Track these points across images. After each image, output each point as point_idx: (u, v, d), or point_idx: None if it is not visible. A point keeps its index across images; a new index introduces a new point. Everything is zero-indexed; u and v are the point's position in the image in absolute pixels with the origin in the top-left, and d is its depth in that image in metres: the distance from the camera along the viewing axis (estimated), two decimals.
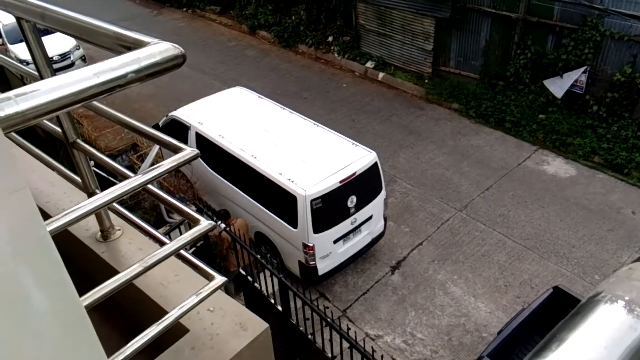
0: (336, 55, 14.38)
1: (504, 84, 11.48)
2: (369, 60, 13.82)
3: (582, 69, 10.19)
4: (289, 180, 6.91)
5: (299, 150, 7.51)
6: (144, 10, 18.33)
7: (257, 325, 1.60)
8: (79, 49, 13.81)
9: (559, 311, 5.95)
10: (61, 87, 0.94)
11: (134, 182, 1.21)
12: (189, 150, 1.24)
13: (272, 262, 5.72)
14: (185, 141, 8.87)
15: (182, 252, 1.45)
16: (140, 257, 1.46)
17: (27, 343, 0.77)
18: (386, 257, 8.33)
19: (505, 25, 11.10)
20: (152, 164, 7.39)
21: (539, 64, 10.82)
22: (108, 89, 0.97)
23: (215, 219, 6.42)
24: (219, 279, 1.40)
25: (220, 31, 16.88)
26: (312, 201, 6.73)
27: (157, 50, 0.99)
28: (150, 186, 1.34)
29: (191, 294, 1.38)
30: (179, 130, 8.37)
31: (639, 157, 9.63)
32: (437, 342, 7.08)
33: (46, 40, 1.63)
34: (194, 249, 6.01)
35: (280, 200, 7.06)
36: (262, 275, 5.88)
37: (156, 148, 7.59)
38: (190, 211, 1.41)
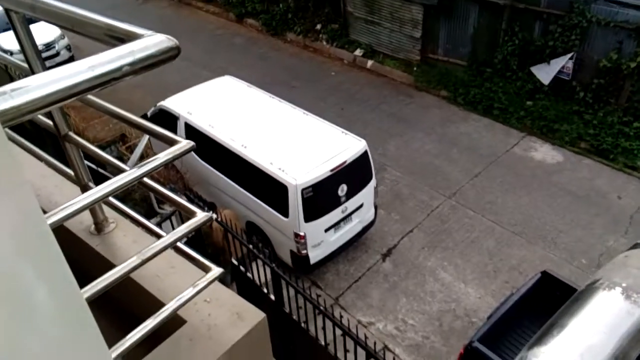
0: (324, 43, 14.31)
1: (491, 71, 11.52)
2: (358, 48, 13.78)
3: (569, 55, 10.26)
4: (279, 169, 6.91)
5: (289, 139, 7.50)
6: None
7: (254, 315, 1.62)
8: (63, 38, 13.58)
9: (547, 295, 6.06)
10: (56, 81, 0.93)
11: (130, 175, 1.21)
12: (184, 143, 1.24)
13: (263, 252, 5.74)
14: (174, 131, 8.80)
15: (178, 243, 1.46)
16: (135, 249, 1.46)
17: (30, 338, 0.78)
18: (377, 245, 8.39)
19: (492, 12, 11.11)
20: (142, 155, 7.34)
21: (526, 51, 10.87)
22: (103, 82, 0.97)
23: (206, 209, 6.41)
24: (215, 270, 1.41)
25: (207, 19, 16.69)
26: (302, 190, 6.74)
27: (152, 42, 0.99)
28: (145, 178, 1.34)
29: (188, 286, 1.39)
30: (168, 120, 8.30)
31: (624, 142, 9.76)
32: (427, 328, 7.18)
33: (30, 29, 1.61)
34: (184, 239, 5.99)
35: (270, 189, 7.06)
36: (254, 265, 5.91)
37: (145, 138, 7.52)
38: (186, 203, 1.41)
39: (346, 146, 7.30)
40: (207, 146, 7.83)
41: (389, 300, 7.57)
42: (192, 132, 8.03)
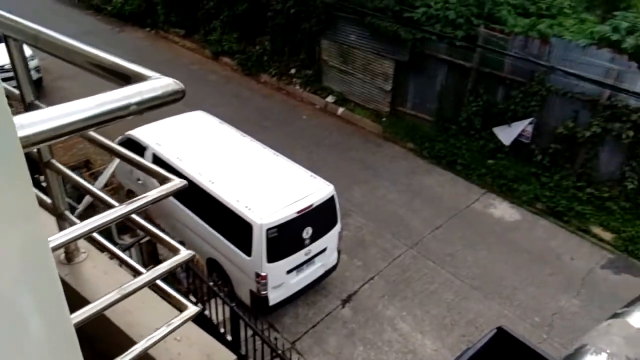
0: (297, 87, 14.62)
1: (456, 128, 11.99)
2: (330, 95, 14.13)
3: (529, 120, 10.83)
4: (246, 207, 6.89)
5: (258, 178, 7.52)
6: (105, 26, 18.06)
7: (225, 357, 1.60)
8: (33, 59, 13.35)
9: (502, 351, 6.14)
10: (64, 115, 0.95)
11: (118, 211, 1.21)
12: (176, 181, 1.26)
13: (222, 290, 5.64)
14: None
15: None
16: (106, 282, 1.44)
17: None
18: (337, 290, 8.36)
19: (459, 73, 11.68)
20: (106, 184, 7.18)
21: (489, 112, 11.41)
22: (109, 119, 1.00)
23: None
24: (192, 309, 1.40)
25: (183, 54, 16.82)
26: (267, 230, 6.72)
27: (159, 84, 1.03)
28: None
29: (160, 323, 1.37)
30: (135, 150, 8.18)
31: (577, 206, 10.23)
32: None
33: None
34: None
35: (235, 227, 7.00)
36: (212, 303, 5.78)
37: (113, 166, 7.38)
38: (170, 240, 1.42)
39: (314, 189, 7.37)
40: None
41: (346, 347, 7.48)
42: (159, 163, 7.90)
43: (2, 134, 0.67)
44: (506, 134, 11.24)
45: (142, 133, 8.53)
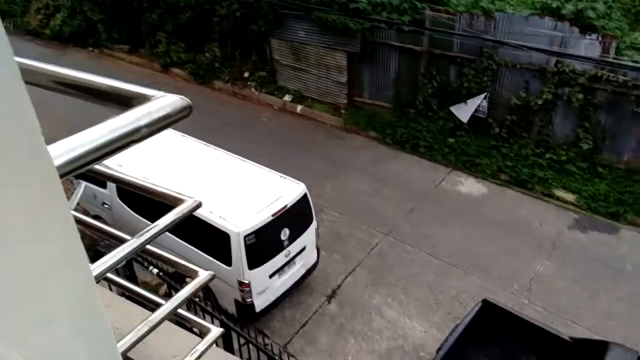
0: (253, 90, 14.51)
1: (415, 112, 12.17)
2: (286, 94, 14.08)
3: (483, 95, 11.11)
4: (220, 217, 6.79)
5: (228, 186, 7.43)
6: (46, 50, 17.40)
7: None
8: None
9: (489, 322, 6.31)
10: (78, 147, 0.88)
11: (130, 245, 1.14)
12: (190, 201, 1.19)
13: (206, 303, 5.55)
14: (102, 185, 8.44)
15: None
16: (109, 315, 1.36)
17: None
18: (321, 287, 8.37)
19: (411, 57, 11.85)
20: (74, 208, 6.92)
21: (444, 92, 11.63)
22: (122, 145, 0.94)
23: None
24: (215, 331, 1.32)
25: (131, 69, 16.39)
26: (245, 237, 6.65)
27: (166, 102, 0.98)
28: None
29: (183, 352, 1.29)
30: (96, 176, 7.94)
31: (539, 172, 10.59)
32: None
33: None
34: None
35: (211, 238, 6.90)
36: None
37: (80, 191, 7.10)
38: (186, 263, 1.35)
39: (285, 190, 7.34)
40: (140, 199, 7.55)
41: (338, 342, 7.51)
42: (125, 185, 7.72)
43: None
44: (463, 112, 11.50)
45: None
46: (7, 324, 0.67)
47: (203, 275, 1.27)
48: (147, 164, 7.96)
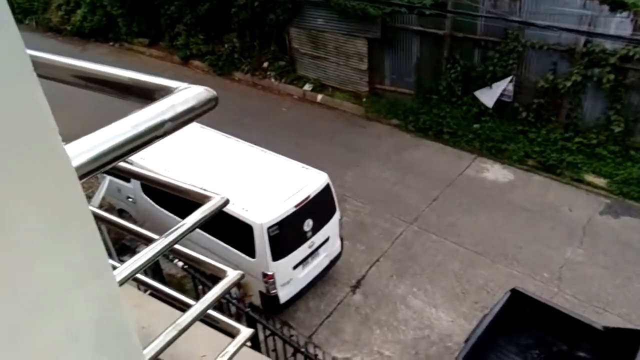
0: (273, 80, 14.42)
1: (438, 98, 11.93)
2: (306, 83, 13.96)
3: (508, 79, 10.81)
4: (243, 209, 6.76)
5: (250, 177, 7.39)
6: (68, 47, 17.59)
7: None
8: None
9: (518, 312, 6.16)
10: (102, 143, 0.82)
11: (158, 245, 1.09)
12: (217, 198, 1.13)
13: (231, 296, 5.55)
14: (127, 179, 8.49)
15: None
16: (138, 315, 1.32)
17: None
18: (345, 277, 8.31)
19: (434, 42, 11.59)
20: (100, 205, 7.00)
21: (468, 76, 11.36)
22: (147, 140, 0.87)
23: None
24: (245, 332, 1.27)
25: (152, 63, 16.48)
26: (268, 228, 6.61)
27: (191, 94, 0.91)
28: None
29: (211, 351, 1.25)
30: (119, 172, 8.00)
31: (568, 156, 10.28)
32: (404, 358, 7.10)
33: None
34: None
35: (235, 230, 6.88)
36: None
37: (105, 186, 7.18)
38: (214, 262, 1.30)
39: (308, 181, 7.26)
40: (164, 193, 7.56)
41: (363, 333, 7.46)
42: (146, 179, 7.75)
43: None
44: (488, 96, 11.22)
45: None
46: (31, 345, 0.62)
47: (232, 275, 1.22)
48: (169, 157, 7.97)
